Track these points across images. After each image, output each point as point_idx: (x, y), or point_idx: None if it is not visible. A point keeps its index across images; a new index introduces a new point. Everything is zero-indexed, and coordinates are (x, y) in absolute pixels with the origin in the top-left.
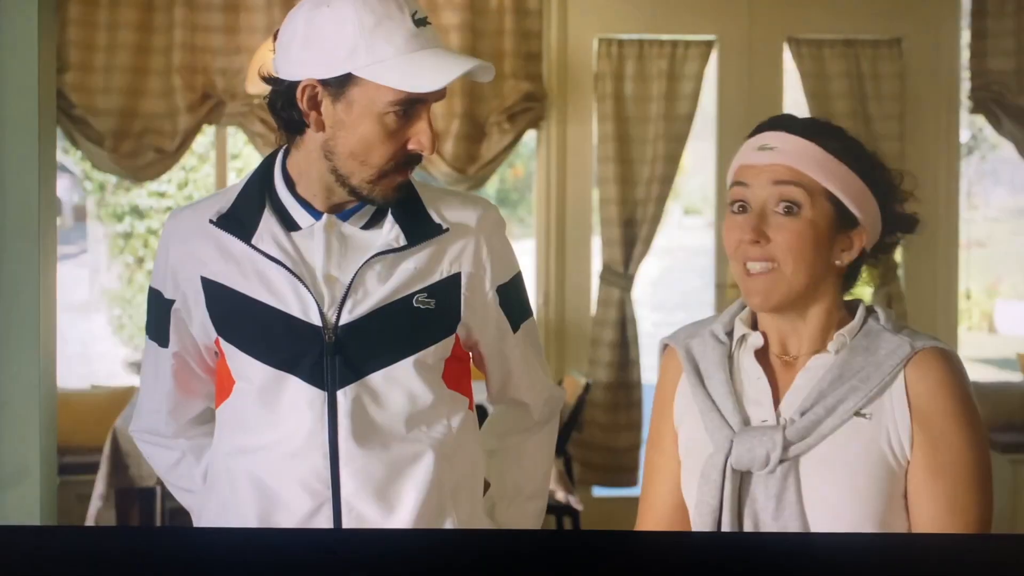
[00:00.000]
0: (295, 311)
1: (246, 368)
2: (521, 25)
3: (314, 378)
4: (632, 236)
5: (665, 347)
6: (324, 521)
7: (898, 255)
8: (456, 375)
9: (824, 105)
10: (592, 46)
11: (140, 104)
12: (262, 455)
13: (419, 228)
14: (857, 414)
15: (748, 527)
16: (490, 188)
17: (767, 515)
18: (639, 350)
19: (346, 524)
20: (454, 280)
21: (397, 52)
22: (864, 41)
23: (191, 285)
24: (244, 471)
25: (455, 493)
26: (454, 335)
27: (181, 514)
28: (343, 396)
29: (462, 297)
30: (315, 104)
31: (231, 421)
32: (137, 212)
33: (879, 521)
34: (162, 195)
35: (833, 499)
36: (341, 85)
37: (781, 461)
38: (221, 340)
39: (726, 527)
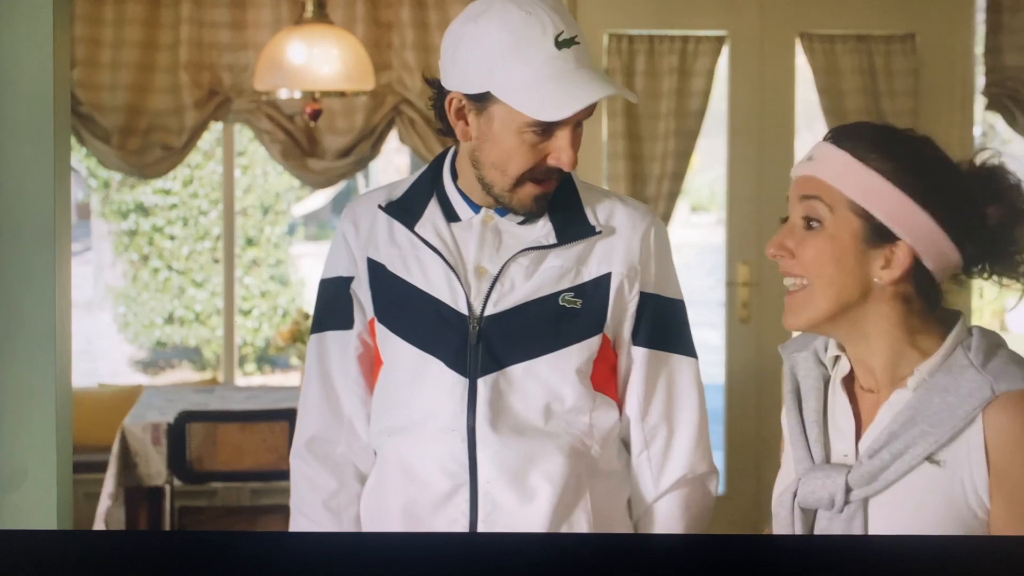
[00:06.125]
0: (446, 298)
1: (395, 350)
2: None
3: (457, 364)
4: None
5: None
6: (461, 503)
7: None
8: (604, 377)
9: (836, 101)
10: (602, 41)
11: (147, 101)
12: (406, 435)
13: (572, 228)
14: (929, 460)
15: None
16: None
17: None
18: None
19: (482, 509)
20: (603, 281)
21: (533, 75)
22: (877, 36)
23: (361, 265)
24: (389, 449)
25: (593, 490)
26: (601, 336)
27: (191, 513)
28: (483, 384)
29: (610, 298)
30: (462, 115)
31: (379, 402)
32: (142, 209)
33: None
34: (167, 192)
35: None
36: (482, 101)
37: (848, 502)
38: (376, 321)
39: None
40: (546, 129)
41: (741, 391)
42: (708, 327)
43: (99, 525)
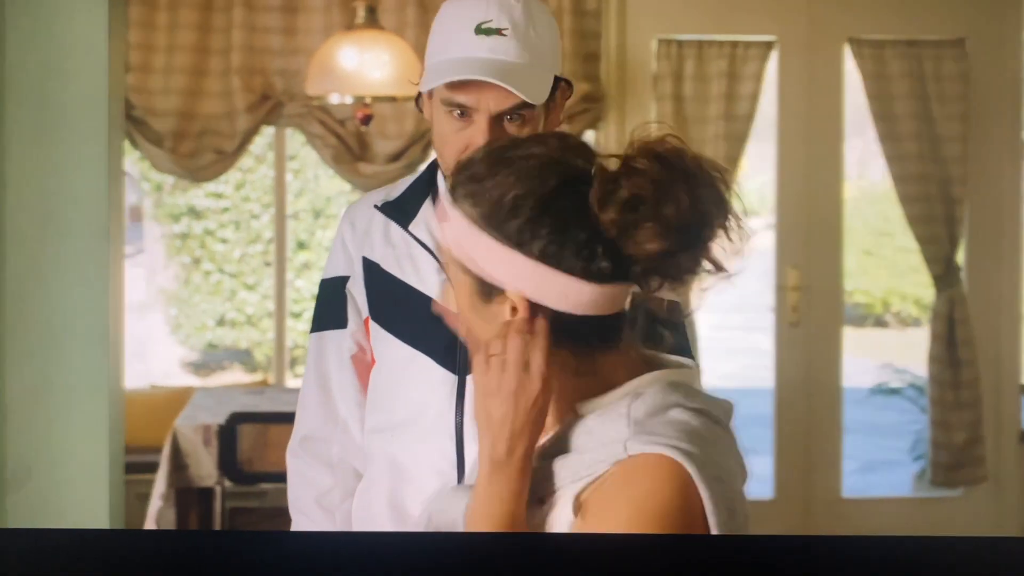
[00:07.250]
0: (436, 296)
1: (387, 348)
2: (579, 26)
3: (447, 361)
4: None
5: None
6: None
7: (960, 257)
8: None
9: (886, 106)
10: (651, 47)
11: (199, 105)
12: (396, 432)
13: None
14: (540, 500)
15: None
16: None
17: None
18: (698, 355)
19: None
20: None
21: (449, 57)
22: (927, 42)
23: (357, 265)
24: (380, 447)
25: None
26: None
27: (241, 514)
28: (472, 382)
29: None
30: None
31: (371, 400)
32: (194, 213)
33: None
34: (219, 196)
35: None
36: None
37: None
38: (371, 320)
39: None
40: (464, 113)
41: (790, 395)
42: (758, 331)
43: (150, 526)
